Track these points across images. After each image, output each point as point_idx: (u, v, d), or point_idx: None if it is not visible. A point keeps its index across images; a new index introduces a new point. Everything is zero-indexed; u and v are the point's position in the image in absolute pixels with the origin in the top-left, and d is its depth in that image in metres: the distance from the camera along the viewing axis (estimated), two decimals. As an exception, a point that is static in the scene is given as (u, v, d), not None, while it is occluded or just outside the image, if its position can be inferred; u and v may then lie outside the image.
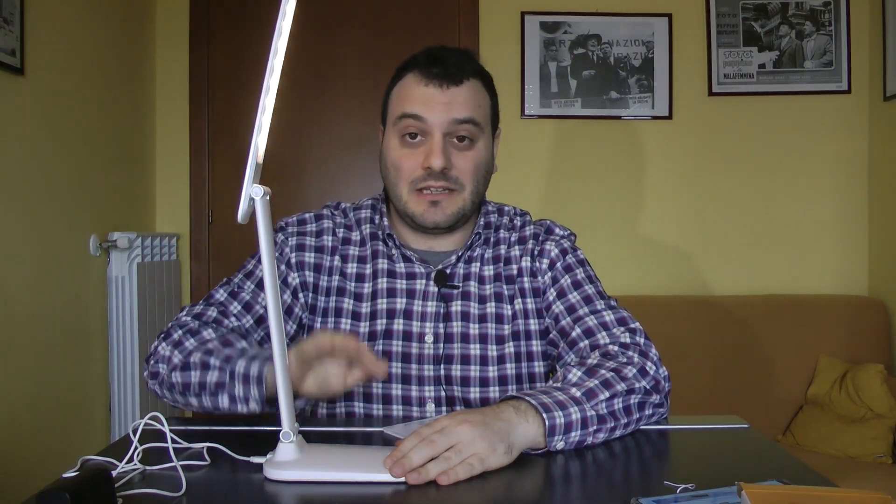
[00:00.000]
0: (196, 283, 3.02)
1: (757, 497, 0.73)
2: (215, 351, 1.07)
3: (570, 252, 1.29)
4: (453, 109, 1.16)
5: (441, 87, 1.17)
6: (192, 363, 1.08)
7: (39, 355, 2.16)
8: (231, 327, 1.18)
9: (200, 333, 1.12)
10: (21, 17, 2.05)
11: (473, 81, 1.20)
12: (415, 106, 1.17)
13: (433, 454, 0.87)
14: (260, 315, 1.21)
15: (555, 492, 0.90)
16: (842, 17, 2.95)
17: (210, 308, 1.19)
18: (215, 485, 0.88)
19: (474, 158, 1.20)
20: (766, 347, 2.72)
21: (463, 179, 1.19)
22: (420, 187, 1.18)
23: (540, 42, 2.98)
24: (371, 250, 1.26)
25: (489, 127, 1.24)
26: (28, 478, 2.02)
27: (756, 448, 1.04)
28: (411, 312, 1.23)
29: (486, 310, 1.24)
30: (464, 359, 1.22)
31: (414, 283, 1.24)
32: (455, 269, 1.25)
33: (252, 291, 1.22)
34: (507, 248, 1.29)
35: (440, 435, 0.88)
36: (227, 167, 3.04)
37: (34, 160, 2.16)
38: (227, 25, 3.04)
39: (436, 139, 1.16)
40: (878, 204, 2.91)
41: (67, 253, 2.34)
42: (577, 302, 1.22)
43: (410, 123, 1.17)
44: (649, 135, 3.00)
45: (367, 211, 1.30)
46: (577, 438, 0.98)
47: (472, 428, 0.89)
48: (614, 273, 2.95)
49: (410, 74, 1.20)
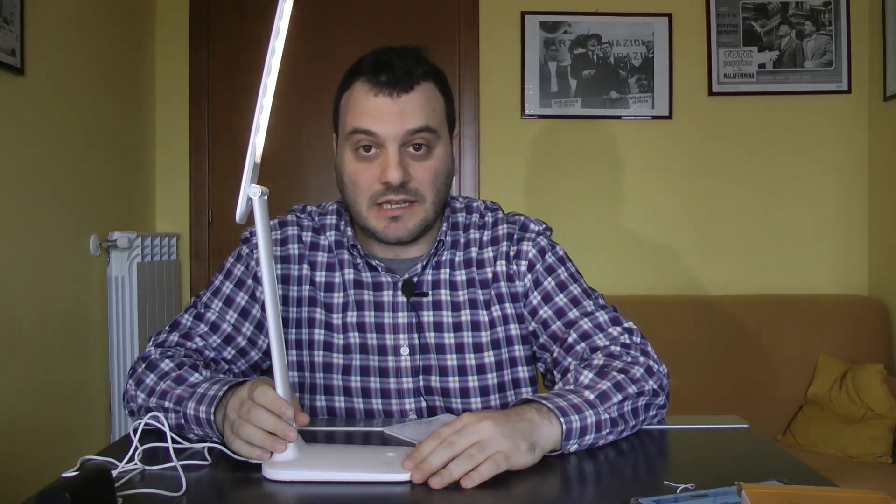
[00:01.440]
0: (196, 282, 3.02)
1: (757, 497, 0.73)
2: (168, 392, 1.06)
3: (549, 250, 1.24)
4: (406, 120, 1.11)
5: (391, 95, 1.11)
6: (152, 406, 1.07)
7: (40, 355, 2.16)
8: (195, 348, 1.17)
9: (158, 366, 1.11)
10: (21, 17, 2.05)
11: (425, 85, 1.14)
12: (365, 120, 1.11)
13: (453, 455, 0.85)
14: (228, 333, 1.19)
15: (555, 492, 0.90)
16: (842, 17, 2.95)
17: (174, 333, 1.18)
18: (215, 485, 0.89)
19: (433, 167, 1.15)
20: (766, 347, 2.72)
21: (423, 190, 1.14)
22: (380, 202, 1.14)
23: (540, 42, 2.98)
24: (338, 258, 1.23)
25: (445, 129, 1.18)
26: (28, 478, 2.02)
27: (756, 448, 1.03)
28: (383, 325, 1.20)
29: (461, 318, 1.21)
30: (441, 370, 1.20)
31: (381, 294, 1.21)
32: (423, 277, 1.22)
33: (220, 310, 1.20)
34: (479, 250, 1.24)
35: (459, 435, 0.87)
36: (227, 167, 3.04)
37: (34, 160, 2.16)
38: (227, 25, 3.04)
39: (391, 152, 1.11)
40: (878, 204, 2.91)
41: (67, 253, 2.34)
42: (566, 305, 1.19)
43: (363, 138, 1.12)
44: (649, 135, 3.00)
45: (333, 217, 1.26)
46: (591, 441, 0.98)
47: (494, 425, 0.88)
48: (614, 273, 2.95)
49: (359, 83, 1.14)
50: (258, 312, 1.21)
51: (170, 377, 1.08)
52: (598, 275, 2.49)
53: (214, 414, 0.98)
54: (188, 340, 1.18)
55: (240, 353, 1.21)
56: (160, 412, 1.03)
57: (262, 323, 1.21)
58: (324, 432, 1.10)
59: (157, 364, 1.11)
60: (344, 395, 1.20)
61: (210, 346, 1.18)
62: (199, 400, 1.01)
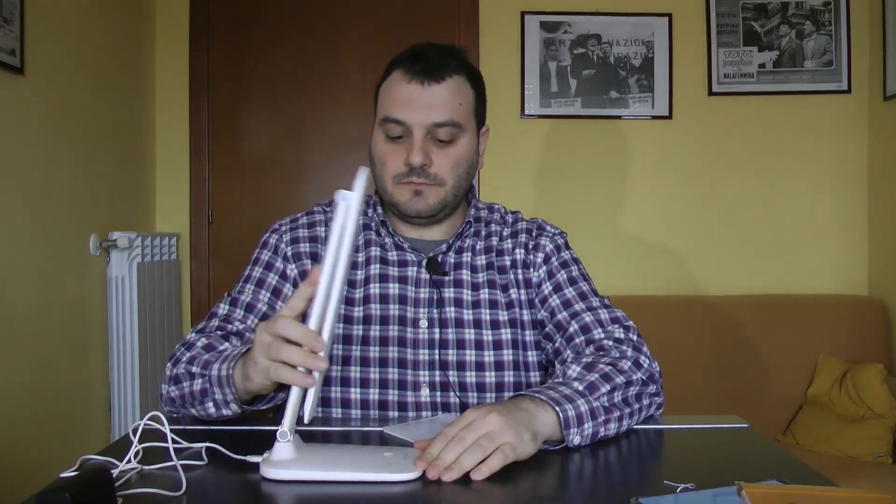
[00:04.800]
0: (196, 282, 3.02)
1: (757, 497, 0.73)
2: (197, 358, 1.10)
3: (564, 249, 1.32)
4: (433, 112, 1.19)
5: (422, 83, 1.19)
6: (180, 375, 1.11)
7: (39, 355, 2.16)
8: (235, 331, 1.19)
9: (195, 344, 1.14)
10: (21, 17, 2.05)
11: (456, 78, 1.22)
12: (396, 110, 1.20)
13: (464, 450, 0.88)
14: (264, 312, 1.23)
15: (555, 491, 0.90)
16: (842, 17, 2.95)
17: (213, 320, 1.22)
18: (215, 485, 0.88)
19: (455, 155, 1.23)
20: (767, 347, 2.72)
21: (443, 175, 1.22)
22: (404, 182, 1.22)
23: (540, 42, 2.98)
24: (363, 240, 1.29)
25: (472, 123, 1.26)
26: (28, 477, 2.02)
27: (756, 448, 1.04)
28: (405, 298, 1.25)
29: (480, 296, 1.26)
30: (459, 343, 1.23)
31: (406, 270, 1.27)
32: (446, 258, 1.28)
33: (252, 292, 1.24)
34: (499, 241, 1.31)
35: (468, 430, 0.89)
36: (227, 167, 3.04)
37: (34, 160, 2.16)
38: (227, 25, 3.04)
39: (416, 139, 1.19)
40: (878, 204, 2.91)
41: (67, 253, 2.34)
42: (573, 297, 1.25)
43: (392, 127, 1.21)
44: (649, 135, 3.00)
45: None
46: (591, 430, 1.00)
47: (499, 417, 0.91)
48: (613, 273, 2.96)
49: (396, 71, 1.22)
50: (289, 291, 1.25)
51: (200, 348, 1.12)
52: (598, 275, 2.48)
53: (232, 370, 1.01)
54: (228, 324, 1.21)
55: None
56: (186, 380, 1.08)
57: None
58: (321, 432, 1.10)
59: (193, 343, 1.15)
60: (361, 366, 1.22)
61: (249, 328, 1.21)
62: (223, 360, 1.04)
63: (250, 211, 3.03)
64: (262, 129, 3.04)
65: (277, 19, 3.03)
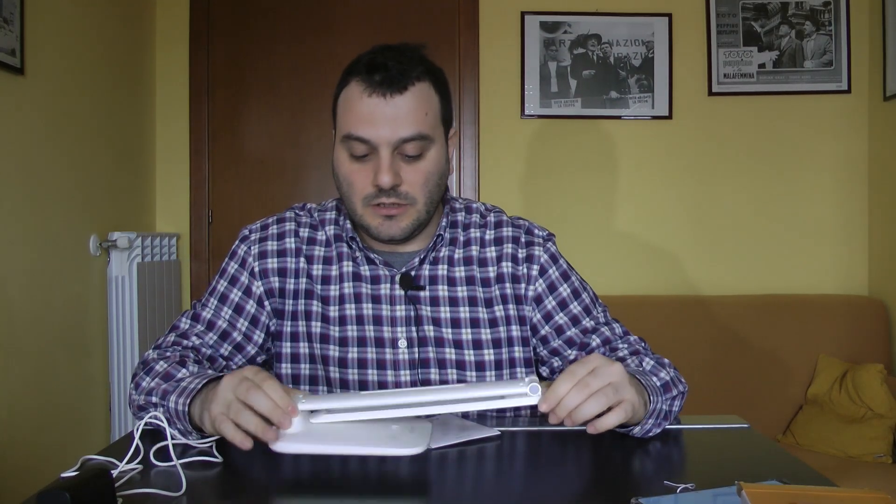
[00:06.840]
0: (196, 282, 3.02)
1: (757, 497, 0.73)
2: (156, 390, 1.08)
3: (559, 256, 1.27)
4: (398, 127, 1.10)
5: (384, 96, 1.10)
6: (143, 404, 1.09)
7: (40, 355, 2.16)
8: (191, 346, 1.19)
9: (153, 367, 1.12)
10: (21, 17, 2.05)
11: (420, 85, 1.13)
12: (359, 127, 1.11)
13: (588, 396, 0.89)
14: (223, 330, 1.22)
15: (555, 491, 0.90)
16: (842, 17, 2.95)
17: (171, 334, 1.22)
18: (216, 484, 0.88)
19: (424, 170, 1.14)
20: (766, 347, 2.72)
21: (413, 193, 1.14)
22: (374, 203, 1.15)
23: (540, 42, 2.98)
24: (336, 252, 1.24)
25: (440, 130, 1.17)
26: (28, 478, 2.02)
27: (756, 448, 1.04)
28: (381, 318, 1.20)
29: (460, 314, 1.21)
30: (440, 363, 1.20)
31: (378, 288, 1.21)
32: (420, 271, 1.22)
33: (215, 308, 1.23)
34: (481, 249, 1.25)
35: (594, 376, 0.90)
36: (227, 167, 3.04)
37: (34, 160, 2.16)
38: (227, 25, 3.04)
39: (383, 157, 1.11)
40: (878, 204, 2.91)
41: (67, 253, 2.34)
42: (580, 313, 1.23)
43: (356, 146, 1.13)
44: (649, 135, 3.00)
45: (332, 212, 1.28)
46: (648, 428, 1.02)
47: (623, 371, 0.92)
48: (614, 273, 2.95)
49: (354, 82, 1.13)
50: (253, 308, 1.23)
51: (160, 375, 1.10)
52: (598, 275, 2.49)
53: (189, 406, 1.00)
54: (184, 339, 1.20)
55: (236, 348, 1.23)
56: (151, 408, 1.06)
57: (256, 318, 1.23)
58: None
59: (152, 365, 1.13)
60: (340, 388, 1.21)
61: (206, 344, 1.21)
62: (180, 393, 1.02)
63: (250, 211, 3.03)
64: (262, 129, 3.04)
65: (277, 20, 3.03)
